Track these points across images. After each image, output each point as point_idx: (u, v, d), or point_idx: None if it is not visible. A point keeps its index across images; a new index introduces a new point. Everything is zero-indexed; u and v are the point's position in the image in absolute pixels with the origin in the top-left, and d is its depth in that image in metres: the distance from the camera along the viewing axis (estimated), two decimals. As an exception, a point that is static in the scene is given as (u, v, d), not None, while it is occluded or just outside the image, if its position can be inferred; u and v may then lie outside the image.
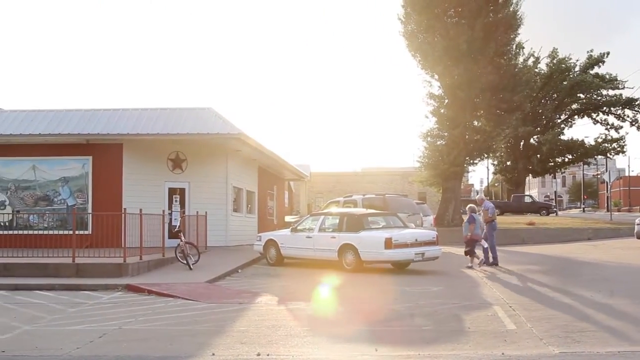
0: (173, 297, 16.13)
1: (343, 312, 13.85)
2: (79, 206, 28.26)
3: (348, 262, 21.39)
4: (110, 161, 28.84)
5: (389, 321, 12.68)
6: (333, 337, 11.24)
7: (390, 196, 30.63)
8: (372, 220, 22.61)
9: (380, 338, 11.14)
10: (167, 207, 28.24)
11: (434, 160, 42.96)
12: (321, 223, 23.01)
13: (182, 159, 29.78)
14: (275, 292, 17.04)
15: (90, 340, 11.25)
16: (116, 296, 16.70)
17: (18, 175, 29.14)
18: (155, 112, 29.52)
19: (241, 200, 33.40)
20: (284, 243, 23.85)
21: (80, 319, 13.46)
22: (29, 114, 29.67)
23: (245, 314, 13.80)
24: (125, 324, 12.79)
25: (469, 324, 12.35)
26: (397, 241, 20.85)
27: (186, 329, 12.30)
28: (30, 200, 29.08)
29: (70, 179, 28.92)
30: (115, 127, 28.32)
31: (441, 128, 43.48)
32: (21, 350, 10.70)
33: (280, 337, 11.35)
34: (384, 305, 14.64)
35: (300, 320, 13.01)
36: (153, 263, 21.46)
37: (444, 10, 41.61)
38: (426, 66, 42.71)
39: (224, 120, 28.67)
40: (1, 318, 13.68)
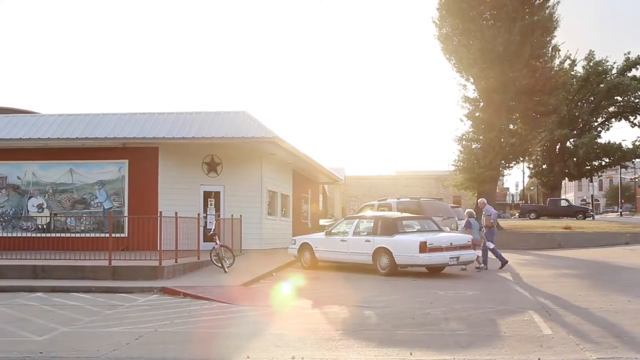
0: (208, 299, 16.19)
1: (377, 316, 13.81)
2: (115, 209, 28.52)
3: (382, 266, 21.34)
4: (146, 164, 29.04)
5: (424, 325, 12.62)
6: (367, 341, 11.21)
7: (425, 200, 30.53)
8: (406, 223, 22.54)
9: (415, 342, 11.09)
10: (202, 210, 28.37)
11: (469, 164, 42.69)
12: (355, 226, 22.97)
13: (217, 163, 29.91)
14: (309, 295, 17.04)
15: (126, 343, 11.34)
16: (152, 299, 16.81)
17: (56, 178, 29.46)
18: (190, 115, 29.67)
19: (276, 203, 33.46)
20: (318, 246, 23.85)
21: (117, 321, 13.57)
22: (66, 118, 29.97)
23: (279, 317, 13.83)
24: (161, 326, 12.87)
25: (505, 329, 12.26)
26: (432, 245, 20.76)
27: (221, 332, 12.34)
28: (67, 203, 29.38)
29: (106, 182, 29.18)
30: (151, 130, 28.51)
31: (476, 131, 43.21)
32: (58, 351, 10.80)
33: (315, 340, 11.35)
34: (419, 308, 14.58)
35: (334, 324, 13.00)
36: (188, 266, 21.57)
37: (479, 13, 41.38)
38: (461, 69, 42.50)
39: (259, 123, 28.74)
40: (39, 320, 13.85)
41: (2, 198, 29.75)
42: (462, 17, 41.07)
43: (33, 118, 30.89)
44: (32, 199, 29.55)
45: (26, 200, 29.59)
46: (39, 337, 12.04)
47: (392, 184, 78.90)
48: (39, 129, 29.11)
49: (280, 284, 19.54)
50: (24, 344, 11.45)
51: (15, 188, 29.70)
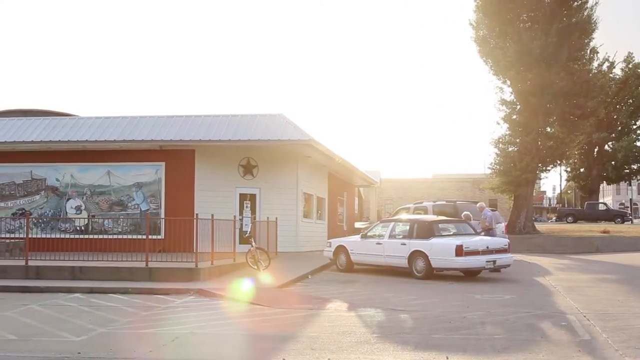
0: (244, 302, 16.23)
1: (413, 319, 13.74)
2: (152, 211, 28.74)
3: (418, 269, 21.25)
4: (182, 167, 29.25)
5: (460, 329, 12.54)
6: (403, 344, 11.16)
7: (461, 203, 30.36)
8: (442, 227, 22.41)
9: (451, 346, 11.02)
10: (238, 212, 28.49)
11: (506, 167, 42.39)
12: (391, 229, 22.90)
13: (253, 165, 30.03)
14: (345, 298, 17.01)
15: (163, 344, 11.40)
16: (188, 300, 16.88)
17: (93, 180, 29.77)
18: (226, 118, 29.80)
19: (311, 206, 33.49)
20: (353, 249, 23.81)
21: (153, 323, 13.66)
22: (104, 121, 30.27)
23: (315, 319, 13.81)
24: (197, 328, 12.92)
25: (542, 333, 12.13)
26: (468, 248, 20.63)
27: (257, 334, 12.36)
28: (105, 205, 29.67)
29: (143, 185, 29.43)
30: (187, 133, 28.71)
31: (513, 134, 42.93)
32: (96, 352, 10.89)
33: (350, 343, 11.33)
34: (455, 312, 14.49)
35: (370, 327, 12.96)
36: (224, 268, 21.64)
37: (516, 15, 41.13)
38: (498, 72, 42.28)
39: (295, 126, 28.78)
40: (77, 320, 13.98)
41: (41, 200, 30.13)
42: (498, 19, 40.87)
43: (71, 121, 31.25)
44: (70, 201, 29.90)
45: (65, 202, 29.94)
46: (77, 337, 12.15)
47: (427, 187, 78.62)
48: (77, 132, 29.44)
49: (316, 287, 19.54)
50: (62, 344, 11.57)
51: (54, 190, 30.07)
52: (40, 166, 30.28)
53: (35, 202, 30.23)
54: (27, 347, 11.39)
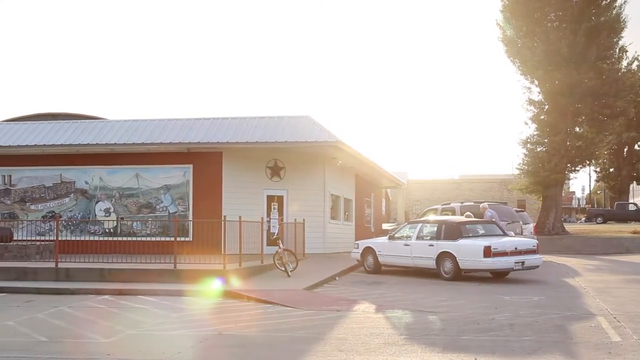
0: (271, 303, 16.25)
1: (441, 321, 13.69)
2: (180, 213, 28.87)
3: (446, 271, 21.19)
4: (210, 169, 29.35)
5: (488, 330, 12.48)
6: (431, 346, 11.13)
7: (488, 204, 30.18)
8: (470, 228, 22.32)
9: (480, 347, 10.97)
10: (265, 214, 28.54)
11: (534, 168, 42.13)
12: (419, 231, 22.83)
13: (280, 167, 30.08)
14: (372, 299, 16.99)
15: (191, 346, 11.46)
16: (216, 302, 16.94)
17: (122, 183, 29.97)
18: (254, 120, 29.87)
19: (339, 207, 33.49)
20: (381, 251, 23.77)
21: (182, 324, 13.73)
22: (132, 124, 30.47)
23: (343, 321, 13.81)
24: (225, 329, 12.97)
25: (572, 335, 12.04)
26: (497, 249, 20.52)
27: (284, 336, 12.37)
28: (133, 208, 29.86)
29: (171, 187, 29.58)
30: (215, 135, 28.81)
31: (541, 134, 42.67)
32: (125, 353, 10.96)
33: (378, 345, 11.31)
34: (483, 314, 14.43)
35: (398, 329, 12.93)
36: (252, 270, 21.69)
37: (543, 15, 40.89)
38: (525, 72, 42.05)
39: (322, 128, 28.79)
40: (106, 322, 14.08)
41: (71, 202, 30.38)
42: (526, 19, 40.64)
43: (100, 124, 31.49)
44: (99, 204, 30.11)
45: (94, 205, 30.17)
46: (106, 339, 12.24)
47: (455, 188, 78.33)
48: (106, 135, 29.66)
49: (344, 288, 19.53)
50: (91, 346, 11.66)
51: (83, 192, 30.31)
52: (69, 169, 30.53)
53: (65, 204, 30.49)
54: (57, 348, 11.49)
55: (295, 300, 16.65)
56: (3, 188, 31.06)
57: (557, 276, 22.59)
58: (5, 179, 31.09)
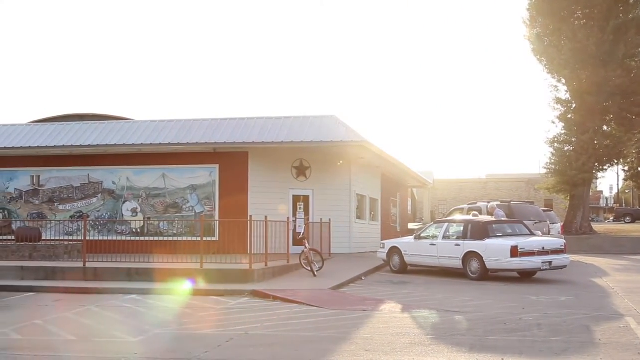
0: (298, 303, 16.26)
1: (468, 321, 13.65)
2: (206, 213, 28.99)
3: (473, 270, 21.11)
4: (236, 169, 29.44)
5: (516, 331, 12.41)
6: (458, 346, 11.09)
7: (515, 203, 30.02)
8: (497, 227, 22.21)
9: (507, 348, 10.92)
10: (291, 214, 28.57)
11: (562, 167, 41.91)
12: (445, 230, 22.76)
13: (306, 167, 30.11)
14: (399, 299, 16.96)
15: (217, 345, 11.49)
16: (242, 302, 16.98)
17: (149, 183, 30.15)
18: (279, 120, 29.93)
19: (364, 207, 33.46)
20: (407, 250, 23.73)
21: (208, 324, 13.77)
22: (158, 124, 30.63)
23: (369, 321, 13.80)
24: (252, 329, 13.00)
25: (600, 336, 11.95)
26: (524, 249, 20.41)
27: (311, 335, 12.38)
28: (160, 208, 30.02)
29: (198, 187, 29.70)
30: (241, 135, 28.90)
31: (569, 133, 42.44)
32: (153, 352, 11.02)
33: (405, 345, 11.29)
34: (511, 314, 14.36)
35: (424, 329, 12.91)
36: (278, 269, 21.73)
37: (570, 13, 40.65)
38: (552, 70, 41.84)
39: (347, 127, 28.79)
40: (134, 321, 14.17)
41: (98, 202, 30.61)
42: (552, 17, 40.43)
43: (127, 124, 31.69)
44: (126, 204, 30.31)
45: (121, 205, 30.37)
46: (134, 338, 12.32)
47: (481, 187, 77.99)
48: (133, 135, 29.85)
49: (370, 288, 19.52)
50: (119, 345, 11.75)
51: (110, 193, 30.53)
52: (97, 169, 30.77)
53: (93, 204, 30.72)
54: (85, 347, 11.58)
55: (322, 300, 16.66)
56: (32, 188, 31.36)
57: (585, 276, 22.44)
58: (34, 180, 31.38)
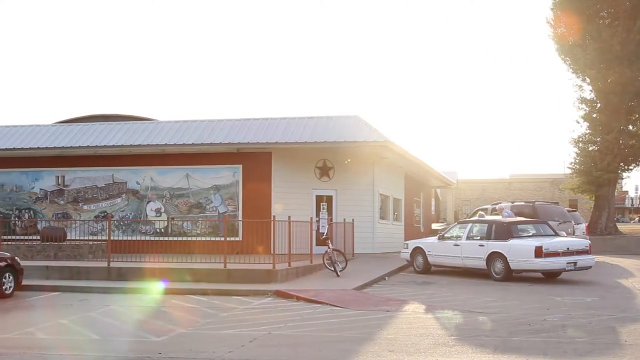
0: (321, 303, 16.26)
1: (492, 321, 13.58)
2: (229, 213, 29.03)
3: (496, 271, 21.01)
4: (259, 169, 29.49)
5: (540, 332, 12.34)
6: (482, 347, 11.04)
7: (540, 204, 29.78)
8: (521, 228, 22.09)
9: (531, 349, 10.86)
10: (314, 214, 28.58)
11: (586, 167, 41.56)
12: (469, 231, 22.68)
13: (329, 167, 30.10)
14: (422, 300, 16.92)
15: (241, 345, 11.51)
16: (266, 302, 17.01)
17: (172, 183, 30.26)
18: (302, 120, 29.94)
19: (388, 207, 33.41)
20: (431, 251, 23.66)
21: (232, 324, 13.80)
22: (182, 125, 30.73)
23: (392, 321, 13.77)
24: (275, 329, 13.01)
25: (626, 337, 11.85)
26: (548, 250, 20.28)
27: (334, 336, 12.37)
28: (184, 208, 30.12)
29: (221, 187, 29.77)
30: (264, 135, 28.93)
31: (593, 133, 42.10)
32: (176, 352, 11.06)
33: (428, 345, 11.25)
34: (535, 315, 14.27)
35: (448, 329, 12.86)
36: (301, 269, 21.74)
37: (595, 12, 40.29)
38: (577, 70, 41.51)
39: (370, 127, 28.75)
40: (158, 321, 14.23)
41: (123, 202, 30.76)
42: (577, 16, 40.07)
43: (151, 125, 31.82)
44: (150, 204, 30.44)
45: (145, 205, 30.50)
46: (157, 337, 12.37)
47: (505, 187, 77.56)
48: (157, 136, 29.97)
49: (393, 288, 19.48)
50: (143, 344, 11.80)
51: (134, 193, 30.68)
52: (121, 170, 30.92)
53: (117, 204, 30.88)
54: (109, 347, 11.65)
55: (345, 300, 16.65)
56: (57, 188, 31.58)
57: (610, 277, 22.26)
58: (59, 180, 31.60)
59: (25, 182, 31.99)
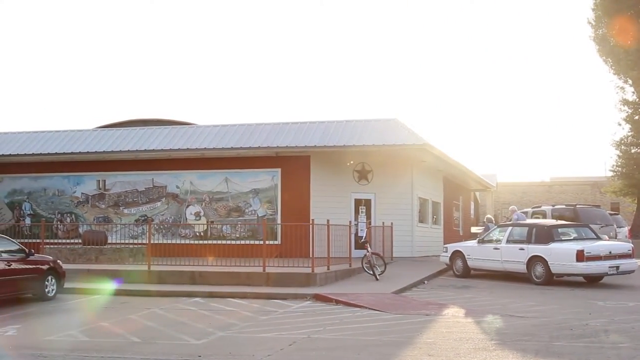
0: (360, 307, 16.24)
1: (533, 326, 13.45)
2: (268, 217, 29.14)
3: (537, 275, 20.83)
4: (298, 173, 29.54)
5: (582, 337, 12.19)
6: (523, 352, 10.93)
7: (581, 207, 29.49)
8: (562, 231, 21.87)
9: (573, 354, 10.73)
10: (353, 217, 28.56)
11: (628, 169, 41.13)
12: (509, 234, 22.50)
13: (367, 170, 30.05)
14: (462, 304, 16.82)
15: (280, 348, 11.53)
16: (305, 305, 17.02)
17: (212, 187, 30.43)
18: (340, 124, 29.92)
19: (426, 210, 33.26)
20: (470, 254, 23.53)
21: (271, 327, 13.83)
22: (221, 129, 30.89)
23: (432, 325, 13.71)
24: (314, 332, 13.02)
25: (670, 343, 11.67)
26: (590, 253, 20.05)
27: (373, 340, 12.34)
28: (223, 211, 30.27)
29: (260, 191, 29.87)
30: (303, 139, 28.95)
31: (636, 135, 41.64)
32: (216, 355, 11.11)
33: (468, 350, 11.18)
34: (577, 319, 14.11)
35: (488, 333, 12.76)
36: (340, 273, 21.73)
37: (637, 12, 39.84)
38: (619, 71, 41.10)
39: (409, 130, 28.65)
40: (197, 324, 14.30)
41: (162, 206, 31.01)
42: (619, 17, 39.67)
43: (190, 129, 32.02)
44: (190, 207, 30.64)
45: (184, 209, 30.70)
46: (197, 340, 12.44)
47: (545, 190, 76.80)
48: (196, 140, 30.16)
49: (432, 292, 19.39)
50: (183, 347, 11.87)
51: (174, 197, 30.91)
52: (161, 174, 31.18)
53: (157, 208, 31.13)
54: (150, 349, 11.73)
55: (384, 303, 16.61)
56: (98, 192, 31.92)
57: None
58: (100, 184, 31.94)
59: (67, 187, 32.38)
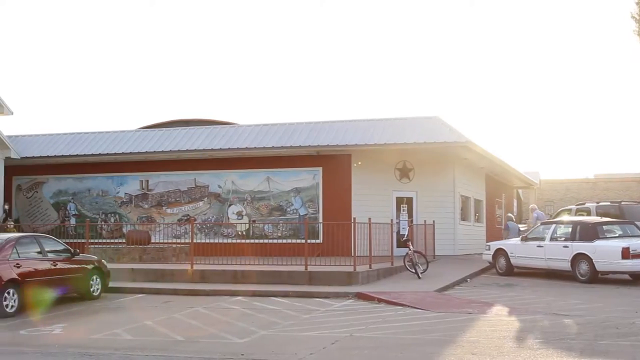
0: (402, 305, 16.20)
1: (578, 324, 13.32)
2: (310, 216, 29.16)
3: (581, 273, 20.60)
4: (339, 171, 29.51)
5: (628, 335, 12.04)
6: (567, 350, 10.83)
7: (626, 204, 29.03)
8: (607, 228, 21.61)
9: (619, 353, 10.61)
10: (394, 216, 28.46)
11: (675, 165, 40.45)
12: (553, 232, 22.28)
13: (409, 168, 29.93)
14: (505, 302, 16.71)
15: (323, 347, 11.54)
16: (347, 304, 17.02)
17: (253, 186, 30.53)
18: (381, 122, 29.84)
19: (469, 208, 33.04)
20: (513, 252, 23.35)
21: (313, 326, 13.86)
22: (262, 128, 30.97)
23: (475, 324, 13.63)
24: (356, 331, 13.01)
25: None
26: (636, 251, 19.77)
27: (416, 338, 12.31)
28: (264, 210, 30.36)
29: (301, 190, 29.89)
30: (344, 138, 28.90)
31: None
32: (258, 354, 11.16)
33: (512, 348, 11.10)
34: (622, 318, 13.94)
35: (532, 332, 12.66)
36: (382, 272, 21.68)
37: (684, 6, 39.15)
38: (665, 65, 40.46)
39: (450, 128, 28.47)
40: (240, 323, 14.38)
41: (205, 206, 31.18)
42: (664, 9, 39.00)
43: (231, 129, 32.14)
44: (232, 207, 30.77)
45: (226, 208, 30.84)
46: (240, 339, 12.50)
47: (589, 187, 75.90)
48: (237, 139, 30.28)
49: (475, 291, 19.27)
50: (226, 346, 11.93)
51: (216, 196, 31.05)
52: (203, 173, 31.34)
53: (199, 208, 31.31)
54: (193, 348, 11.82)
55: (426, 302, 16.55)
56: (141, 193, 32.20)
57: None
58: (143, 184, 32.21)
59: (111, 187, 32.70)
